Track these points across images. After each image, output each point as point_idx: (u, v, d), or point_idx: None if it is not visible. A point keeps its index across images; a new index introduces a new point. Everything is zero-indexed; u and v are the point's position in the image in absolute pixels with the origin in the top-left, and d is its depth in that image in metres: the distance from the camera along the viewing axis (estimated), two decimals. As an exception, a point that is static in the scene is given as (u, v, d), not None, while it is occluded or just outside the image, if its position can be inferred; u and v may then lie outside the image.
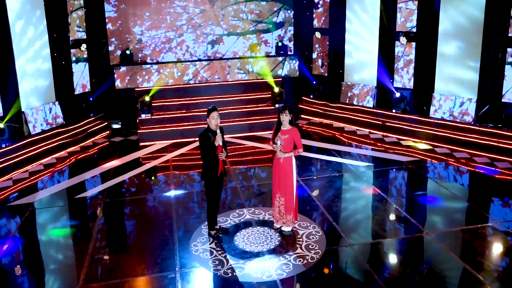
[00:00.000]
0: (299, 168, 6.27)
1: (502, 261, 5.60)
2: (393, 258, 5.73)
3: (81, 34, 11.22)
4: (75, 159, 9.65)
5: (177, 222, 6.63)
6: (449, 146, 9.46)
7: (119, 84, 11.56)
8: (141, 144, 10.44)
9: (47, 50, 10.40)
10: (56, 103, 10.71)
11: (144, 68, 11.65)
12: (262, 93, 11.86)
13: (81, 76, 11.38)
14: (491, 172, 8.24)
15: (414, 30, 10.58)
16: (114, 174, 8.61)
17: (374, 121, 10.89)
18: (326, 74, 12.54)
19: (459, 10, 9.76)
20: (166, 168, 9.01)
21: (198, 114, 10.88)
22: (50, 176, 8.65)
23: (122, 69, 11.52)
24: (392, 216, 6.79)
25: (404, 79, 10.98)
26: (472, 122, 9.76)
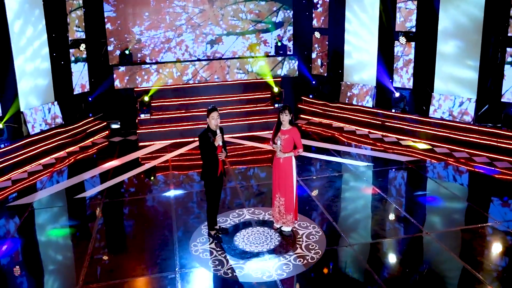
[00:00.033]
0: (298, 168, 6.26)
1: (501, 260, 5.60)
2: (393, 258, 5.73)
3: (80, 34, 11.21)
4: (74, 159, 9.63)
5: (176, 222, 6.62)
6: (448, 146, 9.46)
7: (118, 84, 11.54)
8: (140, 144, 10.42)
9: (46, 50, 10.38)
10: (55, 103, 10.69)
11: (143, 68, 11.63)
12: (261, 93, 11.85)
13: (80, 76, 11.36)
14: (490, 171, 8.24)
15: (413, 29, 10.59)
16: (113, 174, 8.60)
17: (374, 121, 10.89)
18: (325, 74, 12.54)
19: (458, 9, 9.76)
20: (166, 168, 9.00)
21: (198, 114, 10.88)
22: (49, 176, 8.64)
23: (121, 69, 11.50)
24: (392, 216, 6.79)
25: (403, 79, 10.98)
26: (471, 122, 9.77)
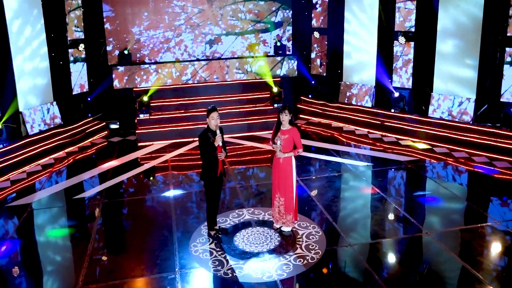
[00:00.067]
0: (298, 168, 6.25)
1: (501, 260, 5.61)
2: (393, 258, 5.73)
3: (79, 34, 11.19)
4: (73, 159, 9.61)
5: (176, 222, 6.60)
6: (448, 145, 9.46)
7: (117, 84, 11.52)
8: (140, 144, 10.40)
9: (45, 50, 10.36)
10: (54, 103, 10.67)
11: (143, 68, 11.61)
12: (260, 93, 11.84)
13: (79, 76, 11.34)
14: (490, 171, 8.25)
15: (412, 29, 10.59)
16: (112, 174, 8.58)
17: (373, 120, 10.88)
18: (324, 74, 12.53)
19: (458, 9, 9.76)
20: (165, 168, 8.98)
21: (197, 114, 10.86)
22: (48, 177, 8.62)
23: (120, 69, 11.48)
24: (392, 216, 6.79)
25: (402, 78, 10.98)
26: (470, 122, 9.77)
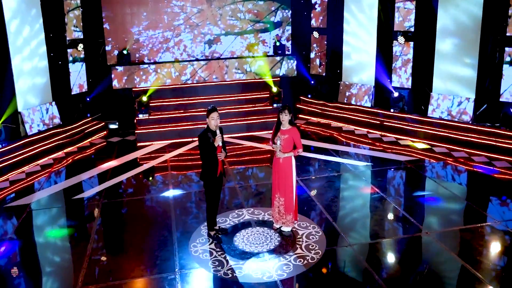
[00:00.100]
0: (297, 168, 6.24)
1: (500, 259, 5.61)
2: (393, 258, 5.72)
3: (78, 34, 11.16)
4: (72, 159, 9.59)
5: (175, 222, 6.59)
6: (447, 145, 9.46)
7: (116, 84, 11.49)
8: (139, 144, 10.39)
9: (44, 50, 10.33)
10: (53, 103, 10.64)
11: (142, 68, 11.59)
12: (260, 93, 11.83)
13: (78, 76, 11.32)
14: (489, 171, 8.25)
15: (412, 29, 10.59)
16: (111, 174, 8.56)
17: (372, 120, 10.88)
18: (324, 74, 12.53)
19: (457, 9, 9.76)
20: (164, 168, 8.97)
21: (196, 114, 10.86)
22: (47, 177, 8.60)
23: (119, 69, 11.45)
24: (392, 216, 6.79)
25: (402, 78, 10.98)
26: (470, 122, 9.77)
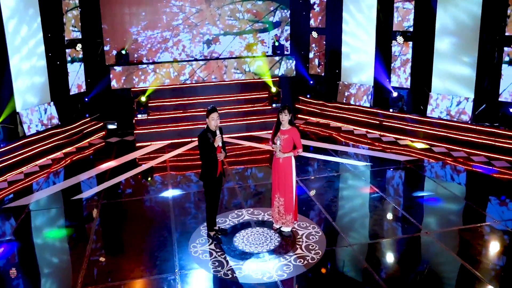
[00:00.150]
0: (297, 168, 6.23)
1: (500, 259, 5.61)
2: (393, 258, 5.71)
3: (76, 33, 11.12)
4: (71, 160, 9.56)
5: (175, 223, 6.57)
6: (446, 145, 9.47)
7: (115, 84, 11.47)
8: (138, 144, 10.36)
9: (42, 49, 10.29)
10: (51, 103, 10.61)
11: (140, 68, 11.56)
12: (259, 93, 11.82)
13: (77, 76, 11.28)
14: (488, 171, 8.26)
15: (411, 29, 10.59)
16: (110, 175, 8.54)
17: (371, 120, 10.88)
18: (323, 74, 12.53)
19: (456, 8, 9.77)
20: (163, 168, 8.95)
21: (195, 114, 10.84)
22: (46, 178, 8.56)
23: (118, 69, 11.42)
24: (391, 216, 6.78)
25: (401, 78, 10.99)
26: (469, 121, 9.78)
